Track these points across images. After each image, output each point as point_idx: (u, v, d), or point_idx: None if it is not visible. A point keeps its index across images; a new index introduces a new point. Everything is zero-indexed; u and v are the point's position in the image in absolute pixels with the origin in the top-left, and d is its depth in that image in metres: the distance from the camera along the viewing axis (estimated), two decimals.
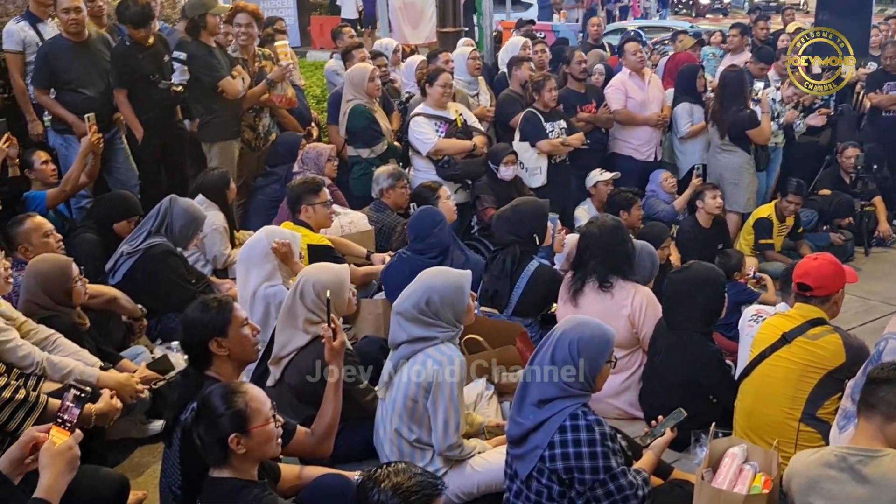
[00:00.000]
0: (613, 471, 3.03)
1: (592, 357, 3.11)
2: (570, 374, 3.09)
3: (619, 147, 7.77)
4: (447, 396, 3.56)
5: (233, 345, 3.21)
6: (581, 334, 3.13)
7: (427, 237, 4.94)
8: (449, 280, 3.72)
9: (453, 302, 3.66)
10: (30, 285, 4.11)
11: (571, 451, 3.02)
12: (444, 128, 6.64)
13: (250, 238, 4.79)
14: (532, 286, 4.97)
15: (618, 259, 4.59)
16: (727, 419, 4.05)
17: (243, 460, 2.72)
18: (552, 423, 3.06)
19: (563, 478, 3.05)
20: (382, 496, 2.28)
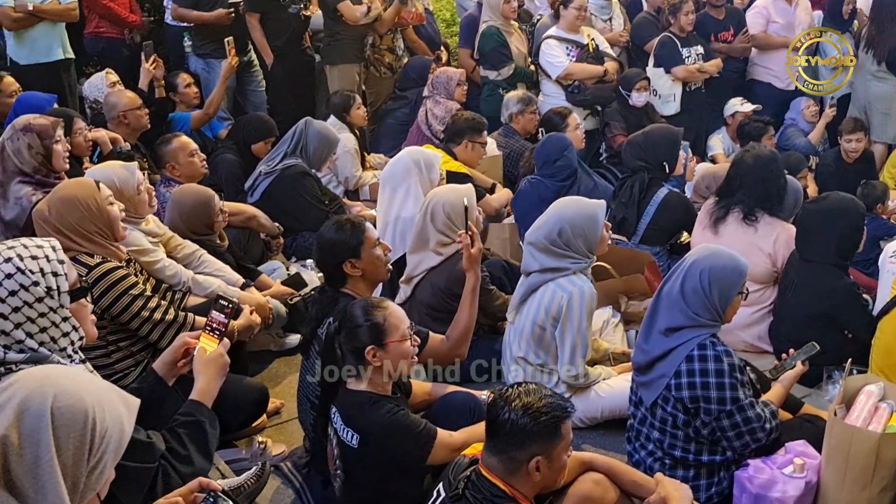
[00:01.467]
0: (741, 402, 2.98)
1: (724, 288, 3.03)
2: (700, 304, 3.04)
3: (757, 73, 7.44)
4: (575, 327, 3.58)
5: (366, 265, 3.29)
6: (713, 264, 3.05)
7: (555, 161, 4.91)
8: (581, 210, 3.69)
9: (585, 233, 3.64)
10: (173, 218, 4.28)
11: (698, 380, 2.99)
12: (576, 52, 6.54)
13: (395, 156, 4.86)
14: (661, 214, 4.87)
15: (768, 193, 4.39)
16: (862, 356, 3.93)
17: (378, 374, 2.82)
18: (679, 351, 3.03)
19: (688, 407, 3.03)
20: (513, 415, 2.32)
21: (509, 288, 4.02)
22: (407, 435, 2.76)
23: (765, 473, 3.03)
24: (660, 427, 3.14)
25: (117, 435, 1.62)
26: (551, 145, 5.02)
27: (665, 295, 3.12)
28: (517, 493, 2.36)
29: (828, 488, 3.05)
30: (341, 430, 2.82)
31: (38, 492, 1.48)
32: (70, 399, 1.55)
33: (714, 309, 3.04)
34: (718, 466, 3.14)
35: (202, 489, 2.09)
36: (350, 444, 2.79)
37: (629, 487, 2.76)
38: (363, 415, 2.78)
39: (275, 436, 3.75)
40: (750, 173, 4.42)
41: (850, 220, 4.05)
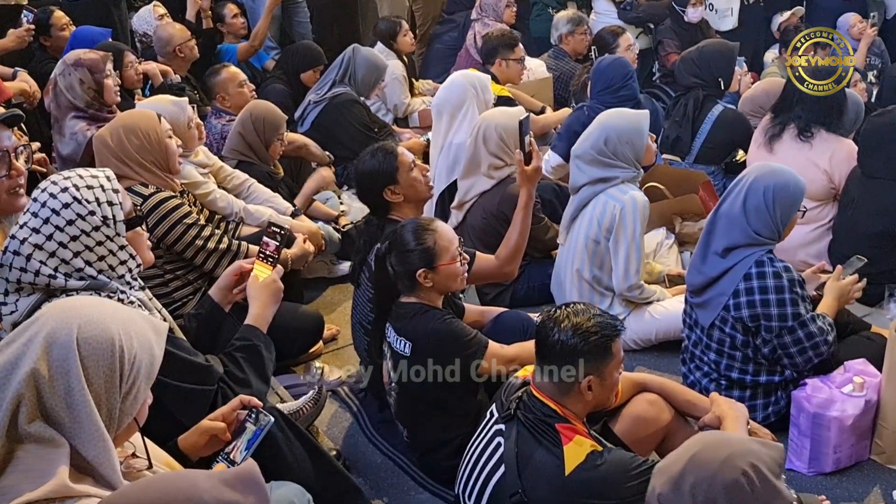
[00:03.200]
0: (803, 317, 2.95)
1: (787, 205, 2.99)
2: (762, 222, 2.98)
3: None
4: (629, 236, 3.56)
5: (405, 189, 3.27)
6: (777, 181, 2.99)
7: (620, 89, 4.72)
8: (627, 118, 3.67)
9: (632, 139, 3.61)
10: (246, 120, 4.30)
11: (758, 298, 2.96)
12: None
13: (447, 80, 4.80)
14: (716, 131, 4.77)
15: (826, 108, 4.23)
16: None
17: (429, 291, 2.85)
18: (737, 270, 2.99)
19: (748, 326, 3.00)
20: (563, 335, 2.31)
21: (560, 211, 3.98)
22: (457, 341, 2.79)
23: (823, 393, 3.00)
24: (717, 349, 3.12)
25: (147, 360, 1.64)
26: (613, 71, 4.80)
27: (724, 214, 3.07)
28: (569, 412, 2.36)
29: (889, 405, 3.01)
30: (395, 342, 2.86)
31: (74, 420, 1.53)
32: (95, 328, 1.58)
33: (775, 227, 3.00)
34: (776, 386, 3.12)
35: (244, 406, 2.14)
36: (403, 354, 2.83)
37: (683, 407, 2.75)
38: (414, 323, 2.82)
39: (332, 361, 3.81)
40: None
41: None
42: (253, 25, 6.07)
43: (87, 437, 1.53)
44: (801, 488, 2.90)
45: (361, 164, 3.33)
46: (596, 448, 2.29)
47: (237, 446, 2.11)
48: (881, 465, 3.05)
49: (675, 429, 2.70)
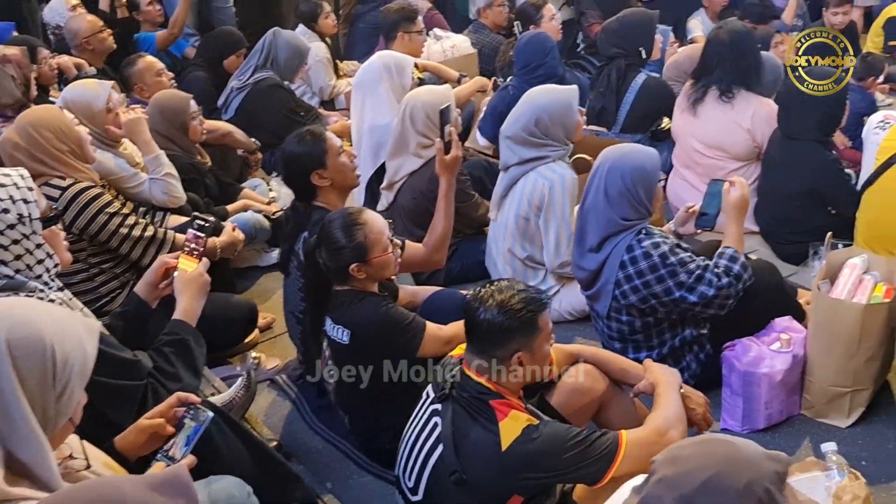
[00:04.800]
0: (686, 283, 2.99)
1: (647, 184, 3.05)
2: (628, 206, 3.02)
3: None
4: (559, 214, 3.58)
5: (333, 174, 3.23)
6: (632, 164, 3.04)
7: (539, 66, 4.73)
8: (557, 97, 3.67)
9: (563, 119, 3.63)
10: (153, 115, 4.20)
11: (638, 282, 3.01)
12: None
13: (365, 62, 4.75)
14: (640, 100, 4.80)
15: (745, 68, 4.30)
16: (848, 231, 3.93)
17: (363, 282, 2.84)
18: (613, 260, 3.05)
19: (642, 308, 3.07)
20: (489, 314, 2.31)
21: (490, 187, 3.99)
22: (396, 326, 2.79)
23: (752, 351, 3.07)
24: (619, 338, 3.19)
25: (80, 359, 1.62)
26: (532, 47, 4.81)
27: (590, 209, 3.11)
28: (503, 388, 2.36)
29: (815, 361, 3.10)
30: (332, 330, 2.85)
31: (8, 422, 1.50)
32: (26, 329, 1.55)
33: (642, 207, 3.05)
34: (681, 351, 3.20)
35: (182, 403, 2.11)
36: (341, 342, 2.81)
37: (618, 375, 2.77)
38: (351, 310, 2.81)
39: (268, 350, 3.77)
40: (725, 49, 4.31)
41: (833, 95, 3.99)
42: (170, 13, 5.93)
43: (22, 439, 1.51)
44: None
45: (289, 148, 3.28)
46: (532, 422, 2.30)
47: (176, 443, 2.10)
48: (810, 418, 3.14)
49: (610, 397, 2.73)
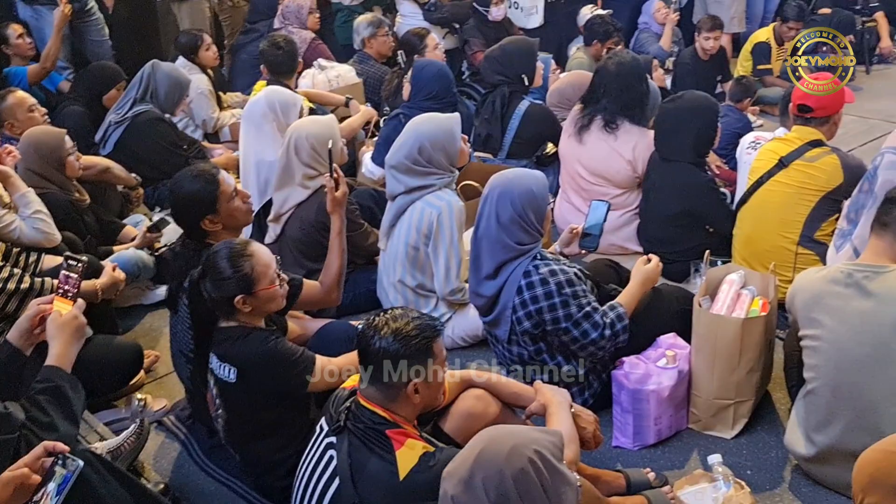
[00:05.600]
0: (574, 317, 3.05)
1: (537, 207, 3.09)
2: (521, 231, 3.07)
3: None
4: (447, 241, 3.60)
5: (225, 218, 3.17)
6: (520, 190, 3.08)
7: (444, 97, 4.71)
8: (439, 125, 3.69)
9: (445, 146, 3.65)
10: (26, 152, 4.05)
11: (532, 308, 3.06)
12: None
13: (253, 98, 4.69)
14: (524, 126, 4.87)
15: (629, 100, 4.40)
16: (727, 248, 4.08)
17: (249, 315, 2.78)
18: (510, 286, 3.08)
19: (535, 334, 3.11)
20: (384, 343, 2.30)
21: (379, 216, 3.98)
22: (285, 362, 2.74)
23: (639, 369, 3.14)
24: (519, 362, 3.22)
25: None
26: (438, 80, 4.76)
27: (483, 237, 3.14)
28: (398, 417, 2.35)
29: (699, 375, 3.19)
30: (218, 369, 2.77)
31: None
32: None
33: (534, 229, 3.10)
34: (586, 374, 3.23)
35: (49, 452, 2.02)
36: (228, 380, 2.74)
37: (510, 399, 2.80)
38: (237, 347, 2.74)
39: (155, 391, 3.65)
40: (611, 80, 4.43)
41: (705, 117, 4.16)
42: (41, 45, 5.72)
43: None
44: (628, 463, 3.04)
45: (179, 189, 3.19)
46: (428, 449, 2.29)
47: (46, 493, 2.01)
48: (698, 432, 3.23)
49: (503, 421, 2.73)
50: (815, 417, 2.80)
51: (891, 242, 2.72)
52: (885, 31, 7.95)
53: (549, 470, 1.83)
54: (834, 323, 2.72)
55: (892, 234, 2.72)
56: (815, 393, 2.79)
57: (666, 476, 2.95)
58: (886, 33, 7.95)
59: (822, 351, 2.76)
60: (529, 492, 1.80)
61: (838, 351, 2.71)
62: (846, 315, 2.69)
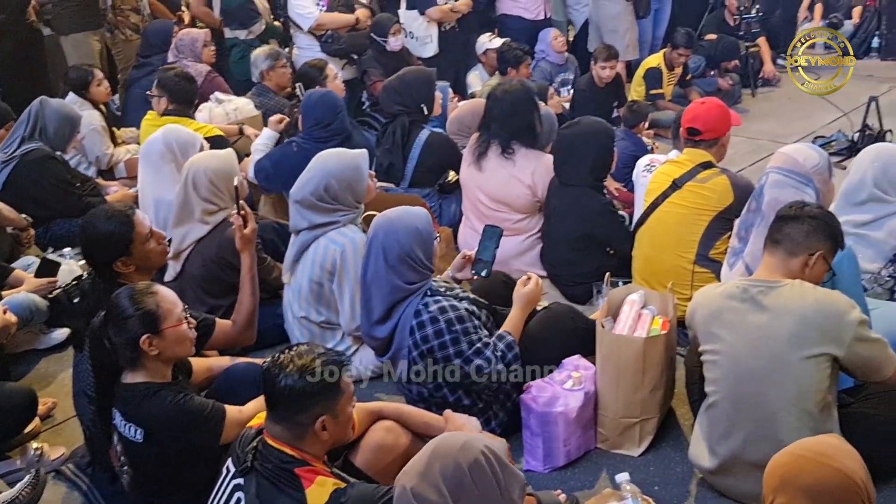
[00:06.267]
0: (465, 354, 3.07)
1: (424, 241, 3.12)
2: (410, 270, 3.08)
3: (506, 7, 7.59)
4: (352, 278, 3.57)
5: (139, 260, 3.10)
6: (405, 226, 3.10)
7: (331, 123, 4.71)
8: (346, 162, 3.67)
9: (352, 184, 3.64)
10: None
11: (424, 348, 3.08)
12: (325, 2, 6.44)
13: (150, 136, 4.58)
14: (425, 155, 4.91)
15: (518, 126, 4.47)
16: (627, 269, 4.18)
17: (156, 361, 2.69)
18: (402, 328, 3.10)
19: (434, 370, 3.12)
20: (290, 380, 2.27)
21: (282, 249, 3.94)
22: (195, 420, 2.66)
23: (546, 392, 3.17)
24: (417, 399, 3.23)
25: None
26: (323, 107, 4.76)
27: (372, 281, 3.14)
28: (307, 454, 2.32)
29: (605, 395, 3.24)
30: (122, 427, 2.67)
31: None
32: None
33: (423, 266, 3.13)
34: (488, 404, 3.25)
35: None
36: (134, 440, 2.64)
37: (421, 429, 2.80)
38: (145, 407, 2.64)
39: (52, 439, 3.51)
40: (500, 107, 4.51)
41: (601, 142, 4.27)
42: None
43: None
44: (539, 486, 3.04)
45: (92, 229, 3.09)
46: (339, 485, 2.27)
47: None
48: (606, 451, 3.27)
49: (414, 452, 2.72)
50: (718, 430, 2.87)
51: (782, 259, 2.83)
52: (768, 55, 8.31)
53: (500, 464, 1.99)
54: (732, 337, 2.80)
55: (784, 251, 2.82)
56: (716, 406, 2.87)
57: (577, 497, 2.98)
58: (769, 58, 8.31)
59: (721, 364, 2.84)
60: (483, 480, 1.95)
61: (737, 364, 2.79)
62: (743, 329, 2.78)
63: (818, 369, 2.69)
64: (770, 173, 3.48)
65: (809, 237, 2.80)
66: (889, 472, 2.90)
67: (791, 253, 2.81)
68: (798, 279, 2.78)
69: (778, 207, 3.02)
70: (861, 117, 6.18)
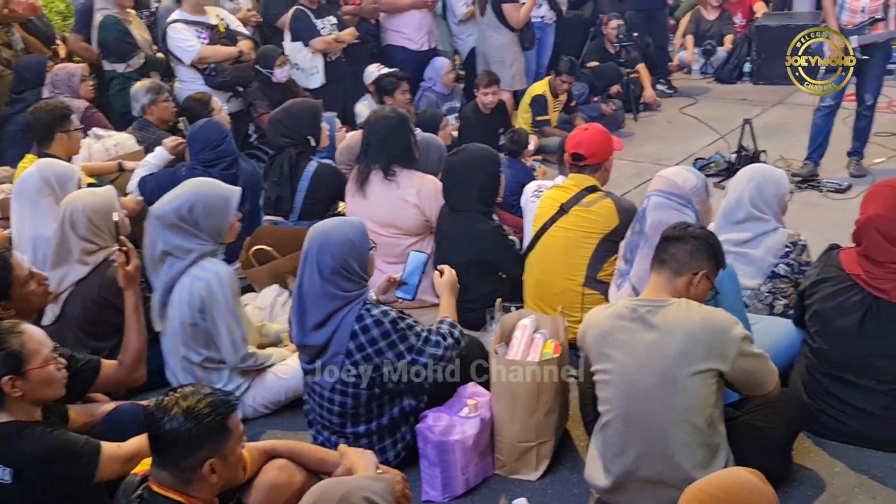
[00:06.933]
0: (416, 347, 3.10)
1: (359, 252, 3.12)
2: (346, 280, 3.08)
3: (391, 38, 7.64)
4: (224, 311, 3.48)
5: (19, 304, 3.00)
6: (339, 238, 3.09)
7: (218, 146, 4.67)
8: (218, 191, 3.60)
9: (218, 214, 3.55)
10: None
11: (370, 350, 3.05)
12: (207, 34, 6.33)
13: (23, 173, 4.38)
14: (314, 186, 4.88)
15: (397, 148, 4.55)
16: (520, 294, 4.22)
17: (21, 402, 2.58)
18: (342, 332, 3.06)
19: (372, 377, 3.09)
20: (175, 423, 2.20)
21: None
22: (67, 455, 2.56)
23: (443, 420, 3.16)
24: (339, 412, 3.18)
25: None
26: (208, 130, 4.77)
27: (307, 293, 3.11)
28: (196, 500, 2.25)
29: (501, 420, 3.25)
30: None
31: None
32: None
33: (359, 277, 3.12)
34: (397, 423, 3.24)
35: None
36: (2, 482, 2.51)
37: (315, 466, 2.74)
38: (12, 446, 2.53)
39: None
40: (377, 134, 4.58)
41: (487, 169, 4.32)
42: None
43: None
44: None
45: None
46: None
47: None
48: (504, 476, 3.27)
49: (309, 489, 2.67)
50: (611, 449, 2.91)
51: (669, 278, 2.90)
52: (647, 81, 8.60)
53: None
54: (622, 356, 2.85)
55: (669, 271, 2.90)
56: (609, 425, 2.91)
57: None
58: (648, 83, 8.60)
59: (613, 384, 2.88)
60: None
61: (628, 382, 2.83)
62: (633, 348, 2.83)
63: (705, 385, 2.76)
64: (651, 196, 3.57)
65: (693, 257, 2.88)
66: (780, 479, 3.00)
67: (676, 273, 2.89)
68: (684, 298, 2.85)
69: (661, 229, 3.10)
70: (737, 139, 6.45)
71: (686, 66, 9.80)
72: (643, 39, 8.82)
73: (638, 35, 8.70)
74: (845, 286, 3.26)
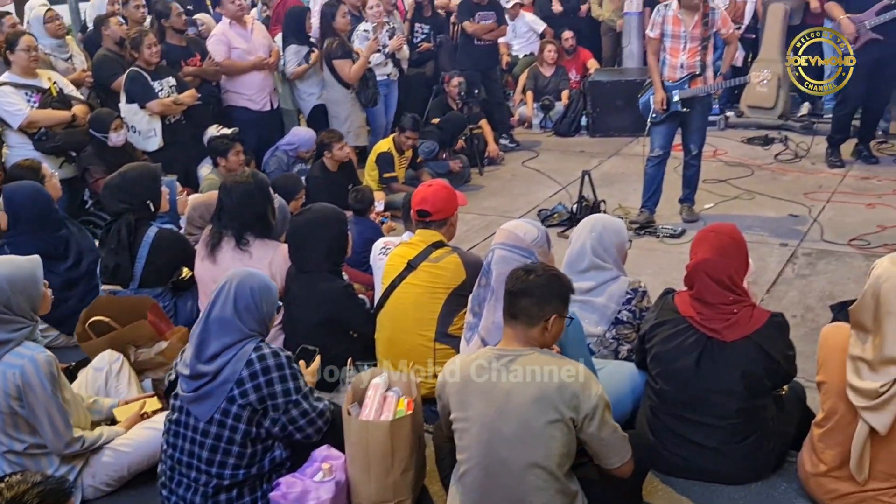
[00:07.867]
0: (304, 390, 3.17)
1: (270, 302, 3.24)
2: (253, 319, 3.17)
3: (232, 99, 7.57)
4: (42, 397, 3.27)
5: None
6: (260, 282, 3.22)
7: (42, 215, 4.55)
8: (19, 266, 3.39)
9: (27, 289, 3.36)
10: None
11: (262, 380, 3.07)
12: (38, 97, 6.09)
13: None
14: (155, 253, 4.70)
15: (252, 216, 4.47)
16: (372, 352, 4.19)
17: None
18: (237, 361, 3.08)
19: (256, 408, 3.07)
20: None
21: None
22: None
23: (297, 487, 3.10)
24: (212, 445, 3.10)
25: None
26: (21, 194, 4.64)
27: (215, 320, 3.14)
28: None
29: (357, 482, 3.22)
30: None
31: None
32: None
33: (263, 324, 3.21)
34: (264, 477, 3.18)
35: None
36: None
37: None
38: None
39: None
40: (232, 199, 4.48)
41: (334, 228, 4.29)
42: None
43: None
44: None
45: None
46: None
47: None
48: None
49: None
50: (471, 498, 2.92)
51: (522, 330, 2.96)
52: (490, 135, 8.82)
53: None
54: (482, 404, 2.87)
55: (522, 324, 2.95)
56: (468, 474, 2.92)
57: None
58: (491, 138, 8.83)
59: (472, 432, 2.90)
60: None
61: (489, 430, 2.86)
62: (493, 396, 2.86)
63: (561, 432, 2.81)
64: (496, 249, 3.64)
65: (541, 307, 2.94)
66: None
67: (529, 324, 2.95)
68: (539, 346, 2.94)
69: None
70: (578, 189, 6.69)
71: (526, 121, 10.13)
72: (482, 96, 9.07)
73: (478, 92, 8.94)
74: (681, 328, 3.41)
